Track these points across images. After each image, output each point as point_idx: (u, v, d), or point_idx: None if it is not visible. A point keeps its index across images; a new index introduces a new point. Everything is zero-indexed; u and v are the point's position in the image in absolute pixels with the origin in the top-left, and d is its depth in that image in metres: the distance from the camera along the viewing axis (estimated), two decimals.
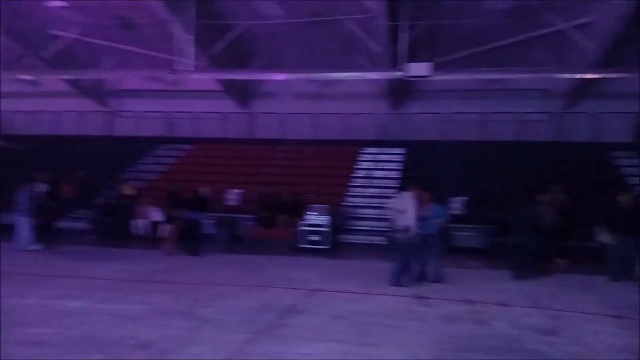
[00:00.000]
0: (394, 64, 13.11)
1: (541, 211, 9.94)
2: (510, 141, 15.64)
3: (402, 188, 9.00)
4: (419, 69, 12.18)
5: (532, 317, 6.72)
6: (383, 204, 10.44)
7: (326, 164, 16.50)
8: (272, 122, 18.13)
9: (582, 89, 14.70)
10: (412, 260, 8.46)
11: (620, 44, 12.62)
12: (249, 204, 14.33)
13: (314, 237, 12.43)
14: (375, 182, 15.41)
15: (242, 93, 19.21)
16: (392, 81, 15.47)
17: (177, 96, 19.09)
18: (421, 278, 8.65)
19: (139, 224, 13.46)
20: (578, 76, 13.38)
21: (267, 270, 9.74)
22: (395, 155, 16.60)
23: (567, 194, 10.44)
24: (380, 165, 16.35)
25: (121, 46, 16.00)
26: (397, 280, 8.34)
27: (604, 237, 9.83)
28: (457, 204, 12.96)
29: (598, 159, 14.64)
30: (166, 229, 11.63)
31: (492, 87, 15.41)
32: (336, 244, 12.59)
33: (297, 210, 13.18)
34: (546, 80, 14.28)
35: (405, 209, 8.35)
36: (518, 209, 9.98)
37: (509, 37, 13.79)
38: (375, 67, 14.54)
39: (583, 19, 12.76)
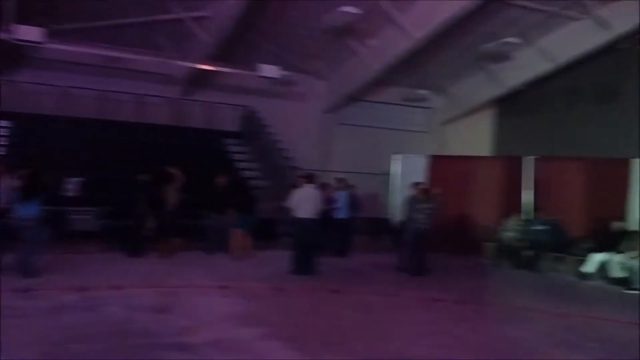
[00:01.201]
0: None
1: (160, 192, 10.32)
2: (130, 122, 15.51)
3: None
4: (28, 32, 10.74)
5: (145, 297, 6.83)
6: None
7: None
8: None
9: (199, 78, 15.75)
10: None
11: (232, 41, 14.02)
12: None
13: None
14: None
15: None
16: None
17: None
18: (21, 269, 7.69)
19: None
20: (194, 66, 14.23)
21: None
22: None
23: (185, 176, 11.01)
24: None
25: None
26: None
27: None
28: (71, 185, 12.14)
29: (211, 145, 16.00)
30: None
31: (113, 65, 14.89)
32: None
33: None
34: (165, 66, 14.69)
35: None
36: (136, 190, 10.08)
37: (132, 16, 13.60)
38: None
39: (201, 12, 13.62)
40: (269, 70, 13.22)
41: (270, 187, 14.30)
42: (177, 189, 10.52)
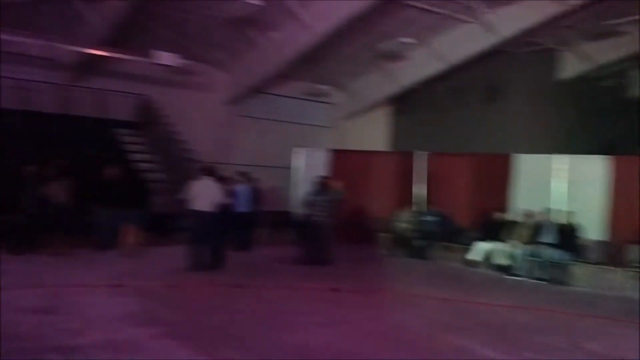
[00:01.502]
0: None
1: (48, 185, 9.59)
2: (12, 109, 14.20)
3: None
4: None
5: (29, 297, 6.33)
6: None
7: None
8: None
9: (89, 64, 14.76)
10: None
11: (128, 27, 13.28)
12: None
13: None
14: None
15: None
16: None
17: None
18: None
19: None
20: (83, 50, 13.30)
21: None
22: None
23: (74, 168, 10.29)
24: None
25: None
26: None
27: None
28: None
29: (103, 135, 15.07)
30: None
31: None
32: None
33: None
34: (51, 49, 13.59)
35: None
36: (21, 183, 9.32)
37: None
38: None
39: None
40: (167, 58, 12.75)
41: (167, 180, 13.80)
42: (66, 182, 9.83)
